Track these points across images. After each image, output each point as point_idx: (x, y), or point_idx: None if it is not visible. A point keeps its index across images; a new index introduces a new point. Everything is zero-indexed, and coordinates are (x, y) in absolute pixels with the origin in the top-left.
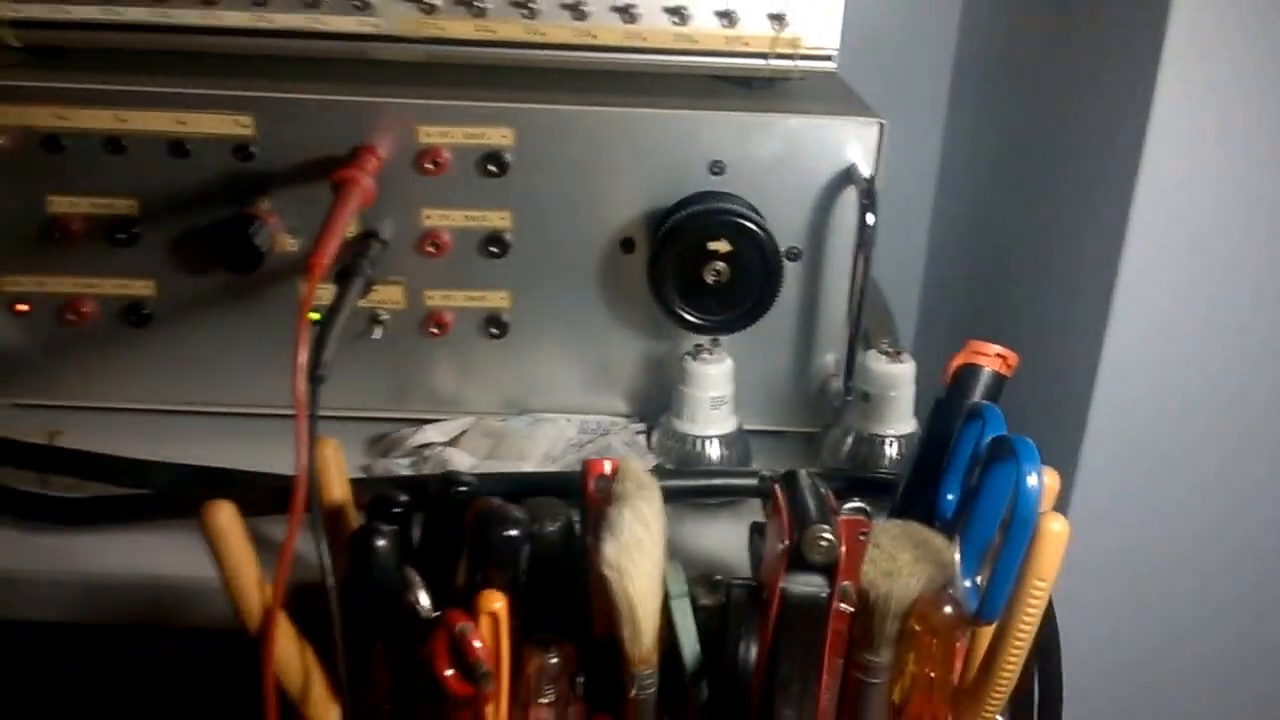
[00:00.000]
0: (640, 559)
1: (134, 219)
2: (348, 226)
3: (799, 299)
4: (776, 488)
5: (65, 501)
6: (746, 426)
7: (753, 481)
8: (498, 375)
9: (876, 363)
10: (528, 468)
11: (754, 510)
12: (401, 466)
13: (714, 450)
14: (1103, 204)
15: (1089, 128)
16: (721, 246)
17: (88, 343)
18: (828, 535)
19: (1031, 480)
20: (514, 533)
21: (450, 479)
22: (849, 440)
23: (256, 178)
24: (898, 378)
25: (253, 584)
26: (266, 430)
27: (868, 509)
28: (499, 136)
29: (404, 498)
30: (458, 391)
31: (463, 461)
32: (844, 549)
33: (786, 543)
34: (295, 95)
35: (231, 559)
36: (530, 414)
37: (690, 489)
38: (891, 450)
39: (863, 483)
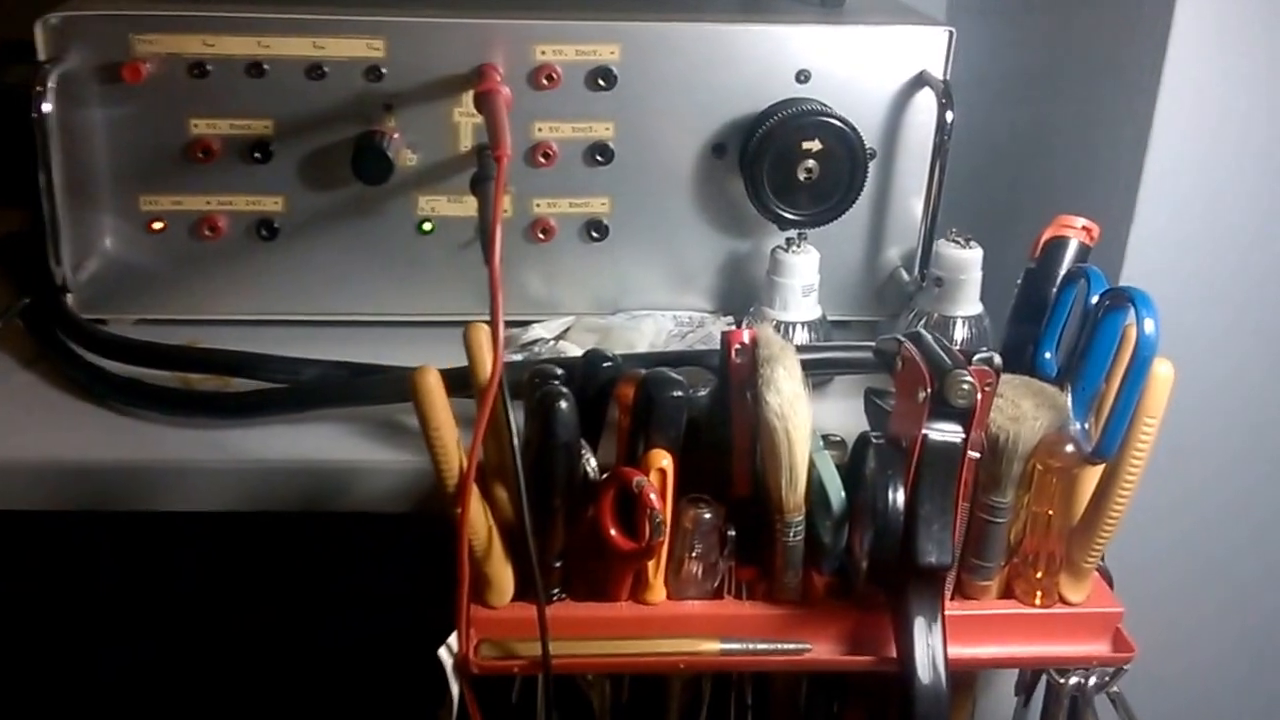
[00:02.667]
0: (800, 408)
1: (269, 139)
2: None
3: (872, 197)
4: (906, 345)
5: (225, 396)
6: None
7: (867, 354)
8: (594, 277)
9: (949, 249)
10: None
11: (841, 388)
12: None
13: (803, 335)
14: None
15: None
16: (814, 145)
17: (219, 258)
18: (969, 379)
19: (1150, 325)
20: (680, 394)
21: (597, 356)
22: (921, 323)
23: (385, 97)
24: (968, 262)
25: (453, 444)
26: (390, 337)
27: (995, 359)
28: (607, 53)
29: (560, 372)
30: (554, 294)
31: (575, 354)
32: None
33: (929, 390)
34: (424, 19)
35: (436, 419)
36: (626, 311)
37: (815, 361)
38: (963, 330)
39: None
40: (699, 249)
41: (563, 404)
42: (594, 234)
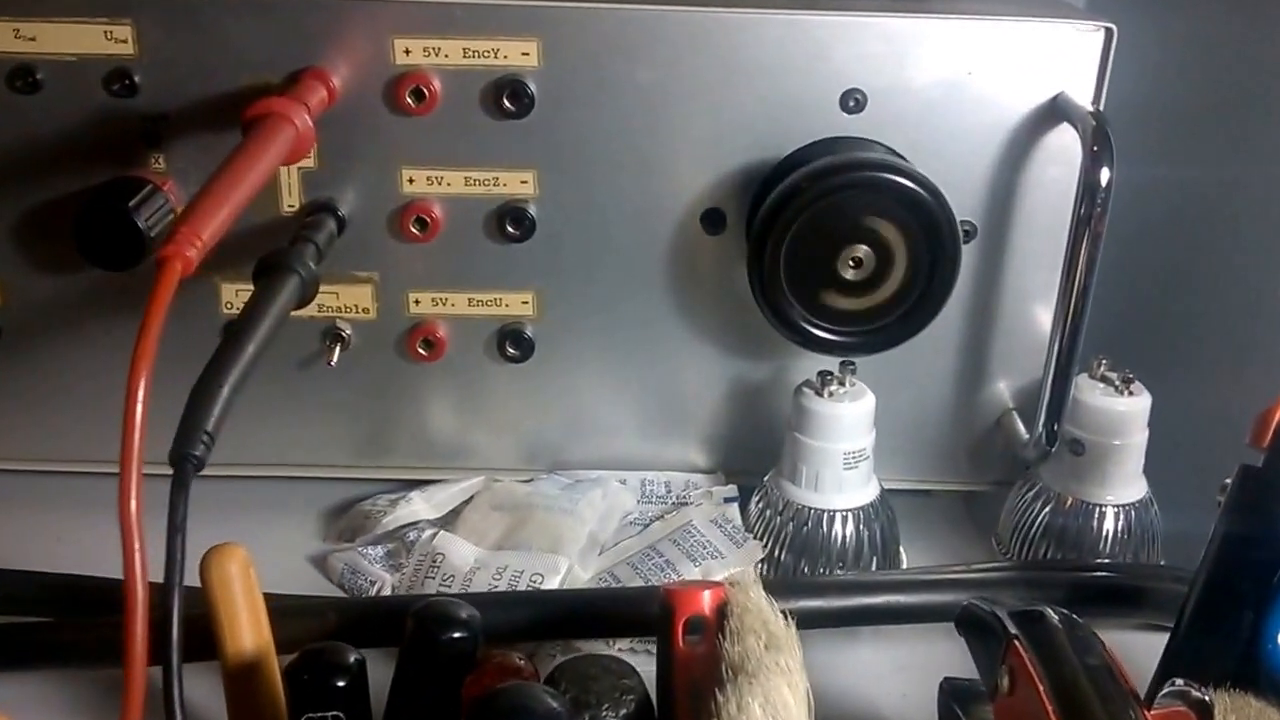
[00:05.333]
0: None
1: None
2: (253, 194)
3: (969, 299)
4: (1019, 644)
5: None
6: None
7: (945, 596)
8: (519, 415)
9: (1094, 395)
10: (565, 561)
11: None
12: (372, 559)
13: (847, 529)
14: None
15: None
16: (871, 220)
17: None
18: None
19: None
20: None
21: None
22: (1045, 509)
23: (142, 121)
24: (1127, 418)
25: None
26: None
27: (1200, 695)
28: (517, 54)
29: (354, 659)
30: (458, 439)
31: (463, 554)
32: None
33: None
34: None
35: None
36: (567, 472)
37: (851, 611)
38: (1115, 525)
39: (1108, 591)
40: (684, 378)
41: None
42: (510, 349)
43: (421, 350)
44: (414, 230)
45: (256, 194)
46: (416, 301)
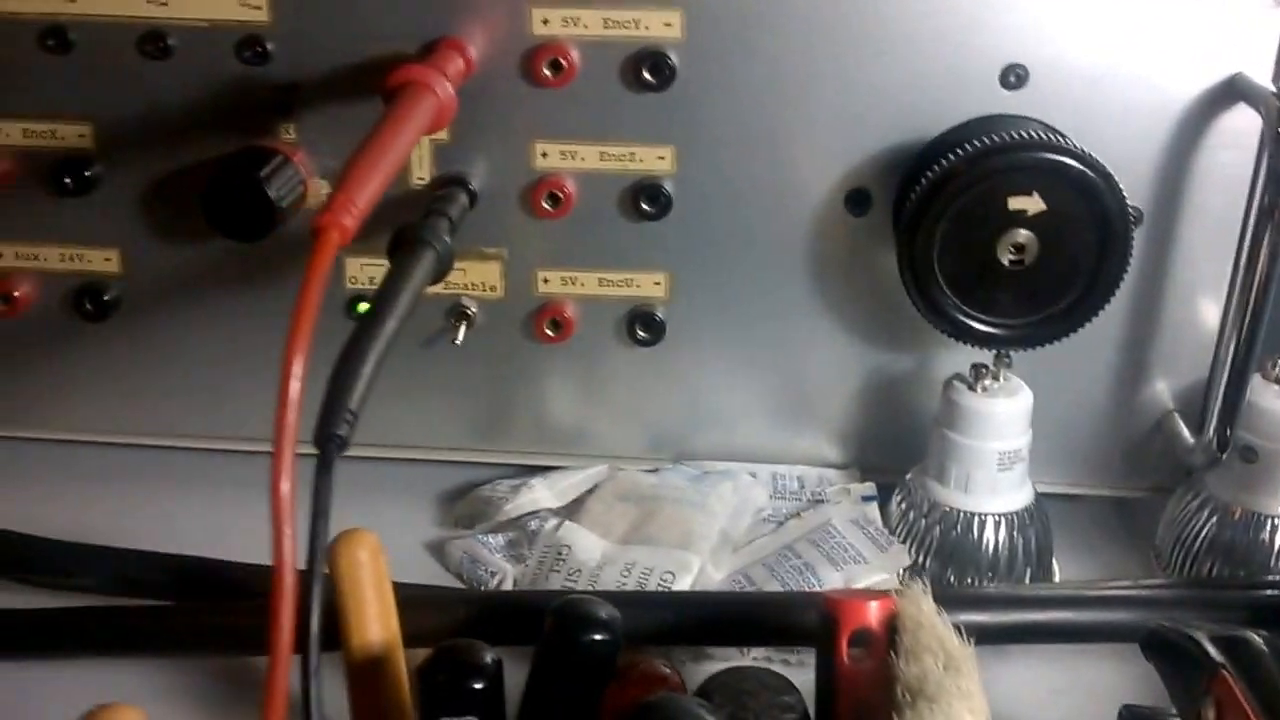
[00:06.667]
0: None
1: (87, 154)
2: (401, 162)
3: (1131, 291)
4: (1226, 672)
5: None
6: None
7: (1115, 615)
8: (645, 401)
9: (1270, 398)
10: (697, 560)
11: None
12: (493, 547)
13: (999, 535)
14: None
15: None
16: (1030, 205)
17: (20, 343)
18: None
19: None
20: None
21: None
22: (1210, 521)
23: (274, 90)
24: None
25: None
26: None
27: None
28: (660, 25)
29: (491, 658)
30: (582, 424)
31: (589, 547)
32: None
33: None
34: None
35: None
36: (694, 462)
37: (1009, 629)
38: None
39: None
40: (823, 365)
41: None
42: (640, 332)
43: (549, 331)
44: (545, 206)
45: (404, 162)
46: (545, 280)
